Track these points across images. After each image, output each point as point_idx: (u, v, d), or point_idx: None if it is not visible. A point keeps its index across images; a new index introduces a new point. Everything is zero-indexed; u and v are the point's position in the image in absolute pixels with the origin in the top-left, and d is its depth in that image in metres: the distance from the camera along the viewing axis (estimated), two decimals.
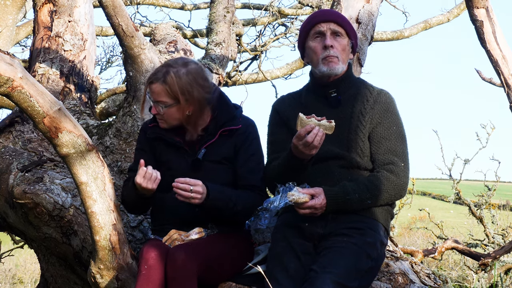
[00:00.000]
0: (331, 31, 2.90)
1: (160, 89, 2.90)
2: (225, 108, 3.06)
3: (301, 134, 2.67)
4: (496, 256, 5.59)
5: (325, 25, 2.91)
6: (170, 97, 2.90)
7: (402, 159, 2.86)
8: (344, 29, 2.93)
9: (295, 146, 2.71)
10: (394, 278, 3.03)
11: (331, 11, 3.10)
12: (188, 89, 2.89)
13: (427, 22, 9.02)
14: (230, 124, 3.02)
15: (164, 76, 2.90)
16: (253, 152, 3.03)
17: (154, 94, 2.92)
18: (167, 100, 2.91)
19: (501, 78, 3.43)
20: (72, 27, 4.61)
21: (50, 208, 3.39)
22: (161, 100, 2.92)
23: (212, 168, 2.98)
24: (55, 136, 2.72)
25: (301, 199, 2.71)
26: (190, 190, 2.80)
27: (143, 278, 2.69)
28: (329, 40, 2.88)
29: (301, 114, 2.69)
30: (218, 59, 4.94)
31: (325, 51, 2.89)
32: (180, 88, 2.89)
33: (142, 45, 3.77)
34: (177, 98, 2.90)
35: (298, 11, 9.07)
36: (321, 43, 2.90)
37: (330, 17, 2.93)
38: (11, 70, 2.59)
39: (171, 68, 2.91)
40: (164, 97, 2.91)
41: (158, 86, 2.91)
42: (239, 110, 3.12)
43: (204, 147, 2.99)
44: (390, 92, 2.99)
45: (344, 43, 2.92)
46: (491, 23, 3.42)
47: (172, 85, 2.88)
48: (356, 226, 2.78)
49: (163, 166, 3.02)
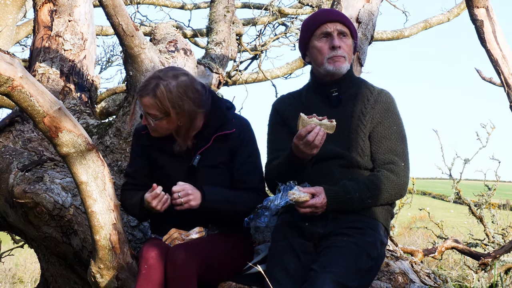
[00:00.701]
0: (337, 31, 2.91)
1: (150, 103, 2.86)
2: (218, 112, 3.02)
3: (302, 134, 2.67)
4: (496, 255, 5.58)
5: (331, 25, 2.91)
6: (160, 111, 2.86)
7: (403, 158, 2.87)
8: (349, 29, 2.95)
9: (296, 146, 2.71)
10: (394, 278, 3.03)
11: (336, 11, 3.09)
12: (178, 103, 2.85)
13: (427, 22, 9.01)
14: (224, 128, 2.99)
15: (154, 90, 2.85)
16: (249, 154, 3.02)
17: (145, 107, 2.89)
18: (157, 114, 2.87)
19: (501, 78, 3.43)
20: (72, 26, 4.61)
21: (50, 207, 3.39)
22: (151, 113, 2.89)
23: (208, 173, 2.97)
24: (55, 135, 2.72)
25: (301, 198, 2.71)
26: (178, 196, 2.81)
27: (143, 277, 2.69)
28: (337, 40, 2.89)
29: (302, 114, 2.69)
30: (218, 59, 4.94)
31: (333, 51, 2.89)
32: (170, 102, 2.84)
33: (142, 44, 3.77)
34: (167, 112, 2.86)
35: (298, 10, 9.07)
36: (328, 44, 2.90)
37: (336, 18, 2.93)
38: (11, 69, 2.59)
39: (161, 81, 2.85)
40: (154, 111, 2.87)
41: (148, 99, 2.86)
42: (232, 111, 3.09)
43: (198, 153, 2.97)
44: (390, 92, 3.00)
45: (349, 43, 2.94)
46: (491, 22, 3.42)
47: (162, 99, 2.83)
48: (356, 225, 2.78)
49: (158, 171, 3.02)
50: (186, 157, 2.98)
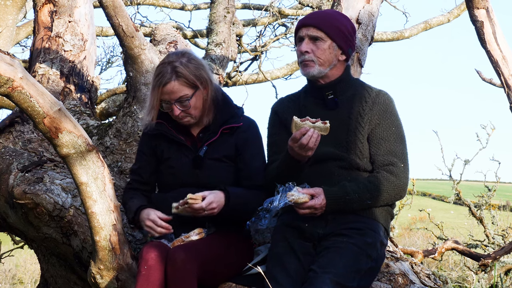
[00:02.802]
0: (308, 36, 2.92)
1: (176, 86, 2.92)
2: (226, 106, 3.08)
3: (296, 137, 2.67)
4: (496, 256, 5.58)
5: (304, 30, 2.93)
6: (189, 87, 2.93)
7: (402, 160, 2.87)
8: (324, 32, 2.90)
9: (291, 148, 2.72)
10: (394, 279, 3.03)
11: (314, 14, 3.03)
12: (198, 73, 2.95)
13: (427, 23, 9.02)
14: (232, 122, 3.04)
15: (173, 72, 2.92)
16: (257, 151, 3.06)
17: (173, 93, 2.92)
18: (187, 92, 2.93)
19: (501, 79, 3.43)
20: (72, 27, 4.61)
21: (50, 208, 3.39)
22: (182, 95, 2.93)
23: (213, 166, 3.00)
24: (55, 136, 2.72)
25: (301, 199, 2.72)
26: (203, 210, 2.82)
27: (143, 278, 2.69)
28: (304, 45, 2.91)
29: (295, 117, 2.70)
30: (218, 60, 4.95)
31: (302, 56, 2.93)
32: (193, 75, 2.93)
33: (142, 45, 3.77)
34: (195, 85, 2.94)
35: (298, 11, 9.08)
36: (299, 48, 2.94)
37: (308, 22, 2.93)
38: (11, 70, 2.59)
39: (174, 63, 2.93)
40: (183, 91, 2.93)
41: (172, 84, 2.92)
42: (241, 110, 3.14)
43: (205, 144, 3.01)
44: (390, 93, 2.99)
45: (323, 47, 2.90)
46: (491, 23, 3.42)
47: (186, 75, 2.92)
48: (356, 226, 2.78)
49: (164, 164, 3.03)
50: (193, 149, 3.01)
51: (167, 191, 3.06)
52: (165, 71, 2.93)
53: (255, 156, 3.04)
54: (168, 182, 3.05)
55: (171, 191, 3.03)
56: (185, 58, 2.96)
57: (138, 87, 3.87)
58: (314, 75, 2.92)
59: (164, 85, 2.92)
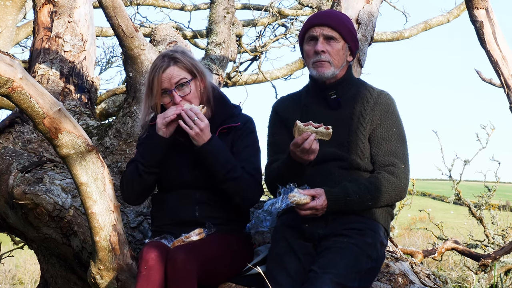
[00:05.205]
0: (324, 36, 2.88)
1: (175, 70, 2.96)
2: (224, 106, 3.09)
3: (299, 142, 2.67)
4: (496, 256, 5.58)
5: (318, 29, 2.89)
6: (188, 71, 2.98)
7: (402, 160, 2.86)
8: (339, 32, 2.89)
9: (293, 152, 2.71)
10: (394, 279, 3.02)
11: (327, 14, 3.02)
12: (194, 63, 3.00)
13: (427, 23, 9.02)
14: (229, 121, 3.04)
15: (171, 59, 2.97)
16: (247, 144, 3.04)
17: (173, 77, 2.95)
18: (186, 76, 2.97)
19: (501, 79, 3.43)
20: (72, 27, 4.61)
21: (50, 208, 3.39)
22: (181, 78, 2.96)
23: None
24: (55, 136, 2.72)
25: (302, 200, 2.71)
26: (193, 119, 2.87)
27: (143, 278, 2.68)
28: (320, 45, 2.87)
29: (298, 122, 2.69)
30: (218, 60, 4.94)
31: (316, 56, 2.88)
32: (190, 63, 2.98)
33: (142, 45, 3.77)
34: (193, 72, 2.99)
35: (298, 11, 9.08)
36: (313, 48, 2.89)
37: (323, 21, 2.90)
38: (11, 70, 2.59)
39: (171, 53, 2.99)
40: (182, 74, 2.96)
41: (172, 68, 2.96)
42: (238, 109, 3.14)
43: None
44: (390, 93, 2.99)
45: (337, 47, 2.89)
46: (491, 23, 3.42)
47: (184, 61, 2.97)
48: (356, 226, 2.78)
49: (163, 164, 3.03)
50: (191, 149, 3.00)
51: (166, 191, 3.06)
52: (162, 60, 2.97)
53: (246, 148, 3.02)
54: (167, 183, 3.04)
55: (170, 191, 3.03)
56: (179, 52, 3.02)
57: (138, 88, 3.87)
58: (328, 77, 2.89)
59: (163, 71, 2.95)
